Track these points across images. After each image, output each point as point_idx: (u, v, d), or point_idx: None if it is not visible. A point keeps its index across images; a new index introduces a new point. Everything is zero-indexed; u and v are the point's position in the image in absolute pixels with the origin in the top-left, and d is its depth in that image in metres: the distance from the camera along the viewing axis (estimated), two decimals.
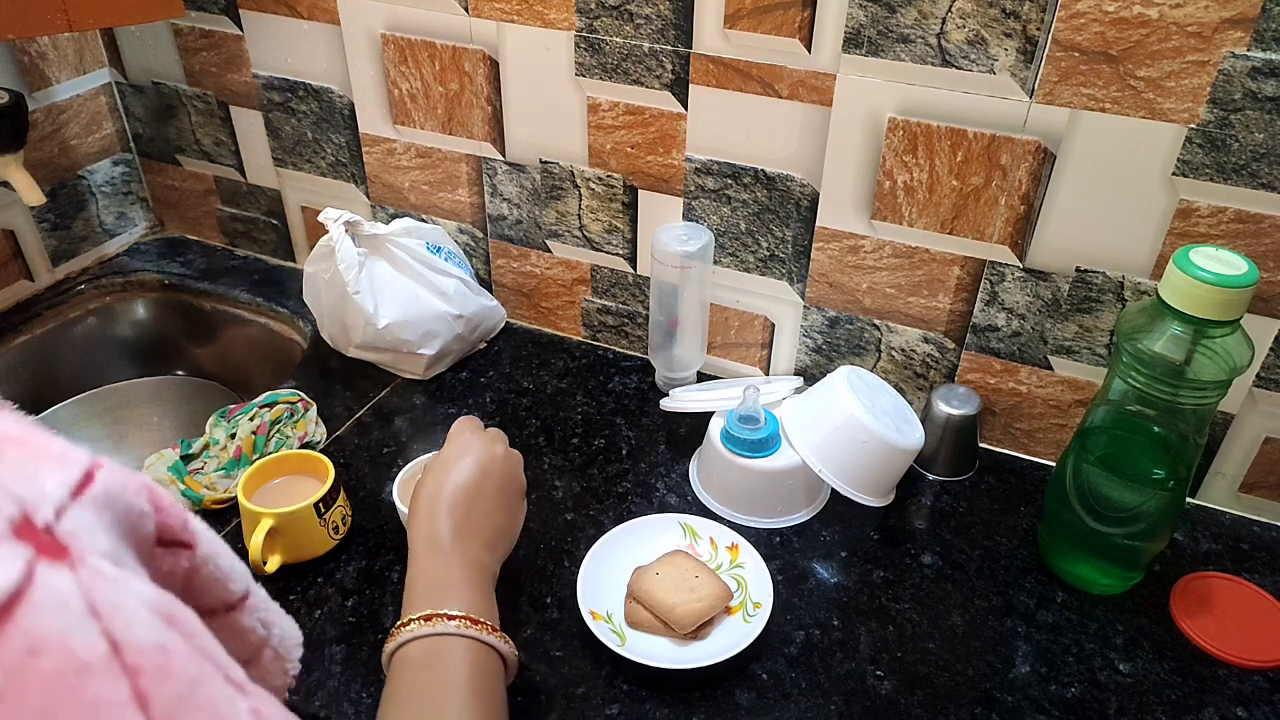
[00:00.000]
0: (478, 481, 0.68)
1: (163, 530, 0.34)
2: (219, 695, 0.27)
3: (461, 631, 0.58)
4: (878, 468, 0.83)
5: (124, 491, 0.31)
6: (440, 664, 0.57)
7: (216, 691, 0.27)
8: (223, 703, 0.27)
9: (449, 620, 0.58)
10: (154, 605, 0.27)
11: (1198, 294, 0.65)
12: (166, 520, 0.34)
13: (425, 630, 0.58)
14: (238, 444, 0.87)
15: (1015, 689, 0.71)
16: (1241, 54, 0.70)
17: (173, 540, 0.34)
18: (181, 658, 0.27)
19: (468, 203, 1.08)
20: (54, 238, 1.18)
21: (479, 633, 0.59)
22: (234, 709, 0.28)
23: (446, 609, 0.59)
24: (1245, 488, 0.88)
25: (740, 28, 0.84)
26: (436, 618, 0.58)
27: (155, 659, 0.26)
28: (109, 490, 0.30)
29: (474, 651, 0.58)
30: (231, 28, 1.08)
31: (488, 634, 0.59)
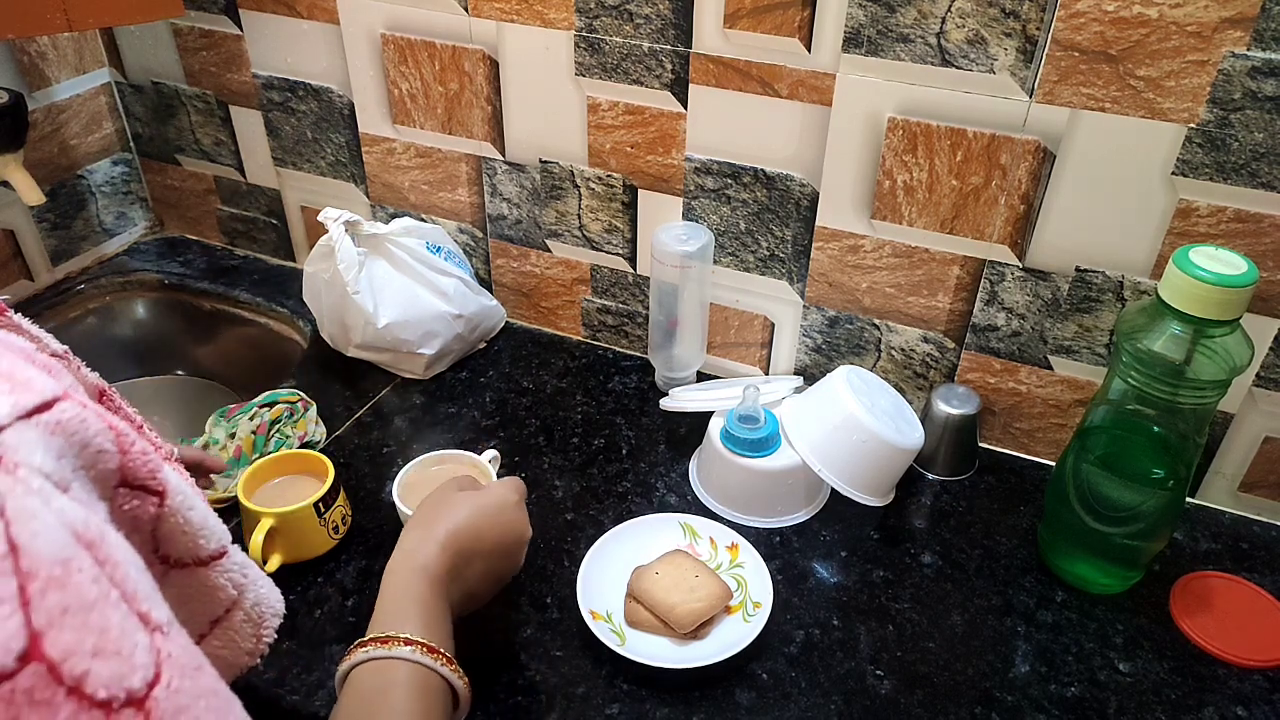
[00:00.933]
0: (486, 530, 0.65)
1: (127, 472, 0.35)
2: (115, 622, 0.28)
3: (415, 658, 0.56)
4: (877, 467, 0.83)
5: (82, 426, 0.32)
6: (388, 687, 0.55)
7: (114, 618, 0.28)
8: (116, 629, 0.27)
9: (405, 645, 0.57)
10: (74, 525, 0.28)
11: (1197, 294, 0.65)
12: (131, 464, 0.35)
13: (380, 652, 0.56)
14: (237, 444, 0.87)
15: (1015, 688, 0.71)
16: (1241, 54, 0.70)
17: (138, 485, 0.36)
18: (83, 577, 0.27)
19: (467, 202, 1.08)
20: (54, 237, 1.18)
21: (434, 662, 0.57)
22: (129, 639, 0.28)
23: (406, 632, 0.57)
24: (1245, 487, 0.88)
25: (740, 27, 0.84)
26: (394, 641, 0.57)
27: (52, 571, 0.26)
28: (64, 420, 0.31)
29: (425, 680, 0.56)
30: (231, 27, 1.08)
31: (444, 665, 0.57)
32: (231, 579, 0.43)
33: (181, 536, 0.38)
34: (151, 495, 0.36)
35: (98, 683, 0.26)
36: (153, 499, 0.36)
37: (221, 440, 0.88)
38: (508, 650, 0.73)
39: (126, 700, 0.27)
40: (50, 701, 0.25)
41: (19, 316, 0.51)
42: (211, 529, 0.40)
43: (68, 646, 0.26)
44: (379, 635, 0.57)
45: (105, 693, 0.26)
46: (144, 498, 0.36)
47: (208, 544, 0.40)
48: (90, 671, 0.26)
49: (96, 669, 0.26)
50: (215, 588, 0.42)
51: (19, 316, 0.51)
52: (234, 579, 0.43)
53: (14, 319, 0.50)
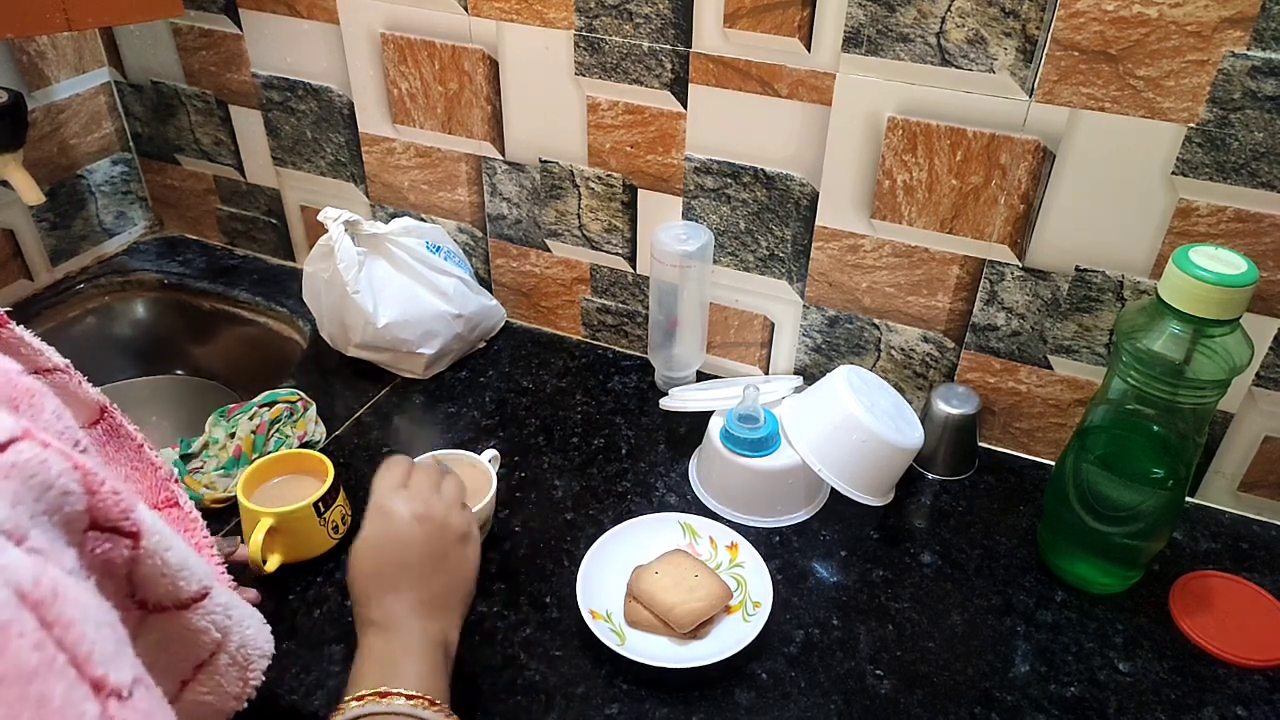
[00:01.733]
0: (398, 556, 0.63)
1: (96, 514, 0.33)
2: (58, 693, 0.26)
3: (400, 710, 0.54)
4: (877, 467, 0.83)
5: (43, 468, 0.31)
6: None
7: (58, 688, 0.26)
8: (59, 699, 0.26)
9: (385, 698, 0.54)
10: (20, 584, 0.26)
11: (1197, 293, 0.65)
12: (101, 505, 0.33)
13: (374, 708, 0.54)
14: (237, 443, 0.87)
15: (1015, 688, 0.71)
16: (1241, 53, 0.70)
17: (110, 527, 0.34)
18: (23, 643, 0.25)
19: (467, 202, 1.08)
20: (53, 237, 1.18)
21: (419, 708, 0.55)
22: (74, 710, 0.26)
23: (387, 685, 0.55)
24: (1244, 487, 0.88)
25: (740, 27, 0.84)
26: (372, 696, 0.54)
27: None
28: (20, 462, 0.30)
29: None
30: (231, 27, 1.08)
31: (428, 709, 0.55)
32: (214, 621, 0.41)
33: (160, 579, 0.37)
34: (124, 537, 0.35)
35: None
36: (125, 541, 0.35)
37: (221, 440, 0.87)
38: (507, 650, 0.73)
39: None
40: None
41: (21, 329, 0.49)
42: (191, 570, 0.39)
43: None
44: (362, 692, 0.55)
45: None
46: (116, 540, 0.34)
47: (188, 586, 0.39)
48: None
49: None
50: (197, 631, 0.40)
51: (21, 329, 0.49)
52: (217, 621, 0.41)
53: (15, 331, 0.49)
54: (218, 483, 0.84)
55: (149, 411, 1.19)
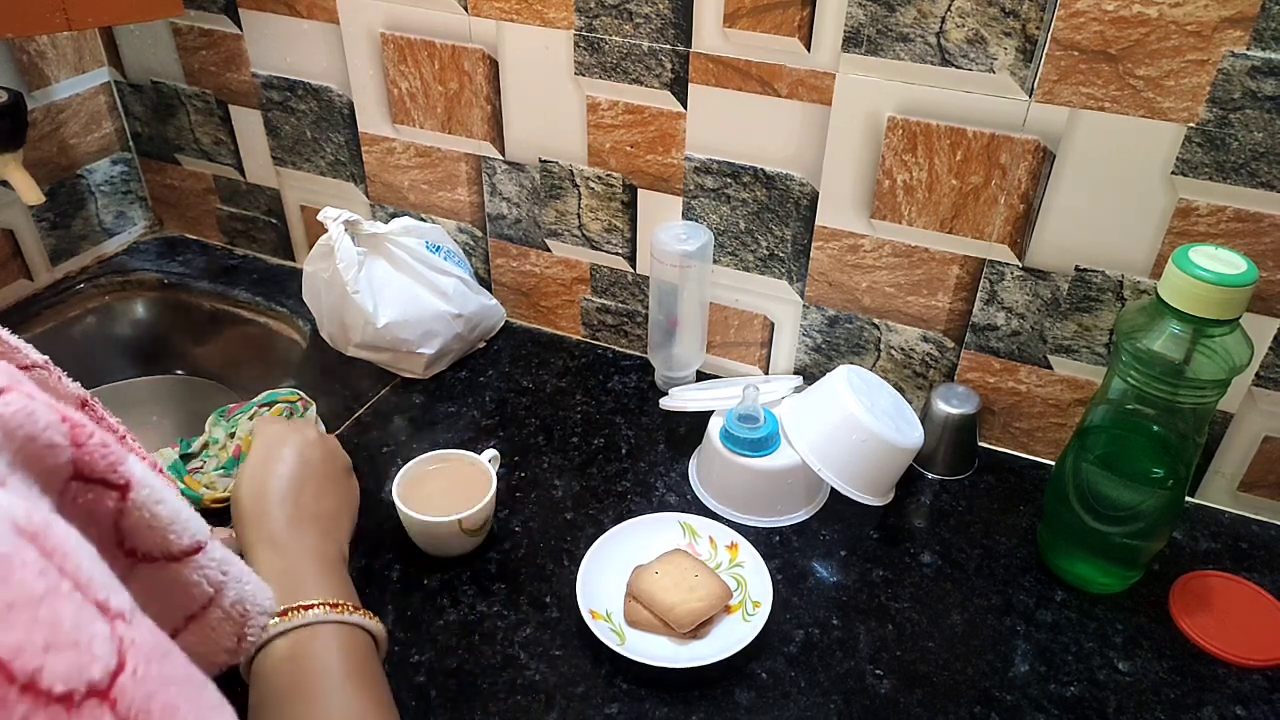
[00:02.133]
0: (298, 469, 0.66)
1: (81, 465, 0.34)
2: (69, 614, 0.27)
3: (324, 618, 0.55)
4: (877, 467, 0.83)
5: (29, 419, 0.31)
6: (307, 656, 0.54)
7: (67, 610, 0.27)
8: (69, 620, 0.27)
9: (306, 610, 0.55)
10: (15, 518, 0.27)
11: (1197, 293, 0.65)
12: (87, 458, 0.34)
13: (282, 626, 0.54)
14: (237, 443, 0.87)
15: (1015, 688, 0.71)
16: (1241, 53, 0.70)
17: (96, 478, 0.35)
18: (27, 571, 0.26)
19: (467, 202, 1.08)
20: (53, 237, 1.18)
21: (341, 614, 0.56)
22: (86, 630, 0.27)
23: (300, 599, 0.56)
24: (1244, 486, 0.88)
25: (740, 27, 0.84)
26: (292, 610, 0.55)
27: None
28: (7, 415, 0.30)
29: (342, 635, 0.55)
30: (231, 27, 1.08)
31: (350, 613, 0.56)
32: (207, 576, 0.42)
33: (149, 531, 0.37)
34: (111, 489, 0.35)
35: (54, 677, 0.25)
36: (112, 493, 0.35)
37: (221, 439, 0.88)
38: (507, 649, 0.73)
39: (88, 692, 0.26)
40: (3, 700, 0.24)
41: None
42: (184, 524, 0.40)
43: (16, 644, 0.25)
44: (294, 605, 0.55)
45: (63, 686, 0.25)
46: (101, 491, 0.35)
47: (180, 539, 0.39)
48: (44, 667, 0.25)
49: (51, 663, 0.25)
50: (189, 584, 0.41)
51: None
52: (210, 576, 0.42)
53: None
54: (218, 483, 0.84)
55: (149, 411, 1.19)
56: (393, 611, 0.75)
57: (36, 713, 0.25)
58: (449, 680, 0.70)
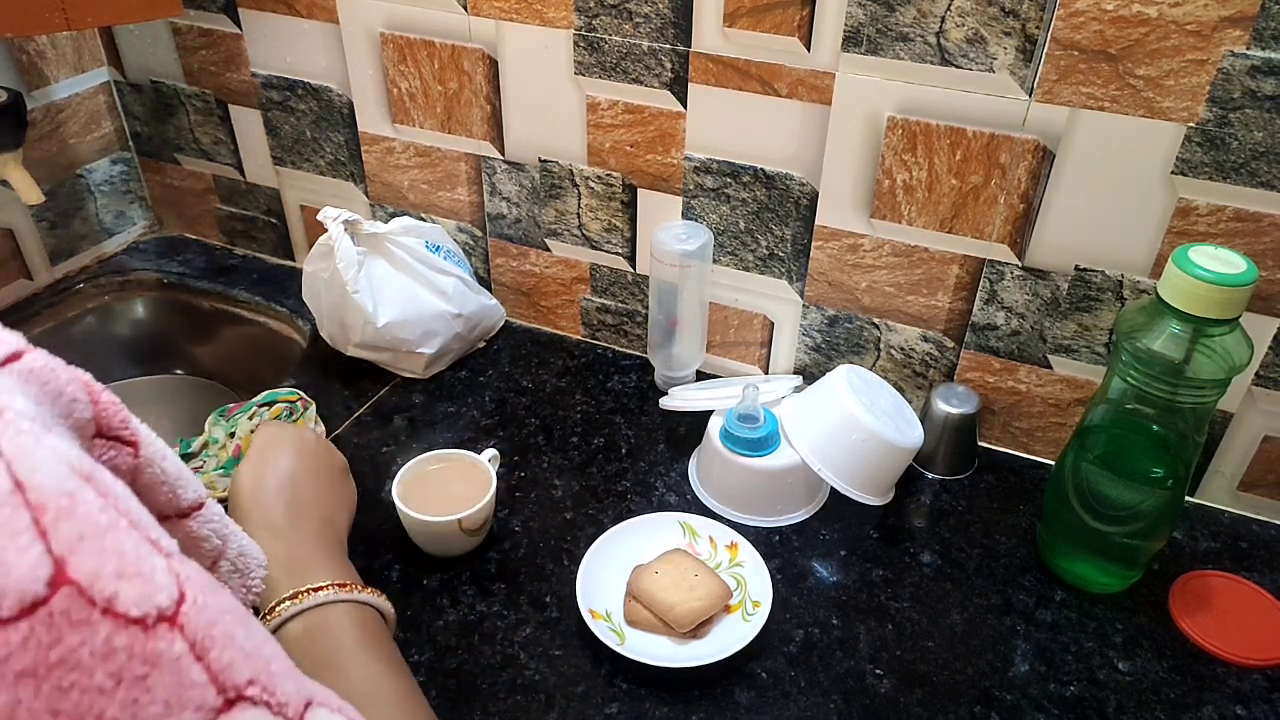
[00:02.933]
0: (295, 465, 0.67)
1: (101, 421, 0.35)
2: (130, 546, 0.28)
3: (335, 597, 0.57)
4: (877, 466, 0.83)
5: (53, 375, 0.32)
6: (323, 634, 0.56)
7: (128, 543, 0.28)
8: (133, 553, 0.28)
9: (316, 592, 0.57)
10: (70, 461, 0.28)
11: (1197, 293, 0.65)
12: (104, 414, 0.35)
13: (296, 607, 0.56)
14: (236, 443, 0.87)
15: (1014, 687, 0.71)
16: (1241, 52, 0.70)
17: (113, 435, 0.36)
18: (90, 507, 0.27)
19: (467, 201, 1.08)
20: (53, 237, 1.18)
21: (350, 593, 0.58)
22: (147, 562, 0.28)
23: (309, 583, 0.57)
24: (1244, 486, 0.88)
25: (739, 26, 0.84)
26: (302, 594, 0.57)
27: (60, 502, 0.26)
28: (35, 369, 0.31)
29: (353, 612, 0.57)
30: (230, 26, 1.08)
31: (359, 592, 0.58)
32: (214, 529, 0.43)
33: (160, 487, 0.39)
34: (126, 445, 0.36)
35: (128, 601, 0.26)
36: (128, 449, 0.36)
37: (221, 439, 0.87)
38: (507, 649, 0.73)
39: (159, 617, 0.27)
40: (89, 621, 0.25)
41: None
42: (187, 479, 0.41)
43: (92, 569, 0.26)
44: (290, 593, 0.57)
45: (137, 610, 0.27)
46: (119, 448, 0.36)
47: (186, 494, 0.40)
48: (119, 592, 0.26)
49: (124, 589, 0.27)
50: (199, 538, 0.42)
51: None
52: (216, 529, 0.43)
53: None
54: (217, 482, 0.84)
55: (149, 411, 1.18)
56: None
57: (119, 633, 0.26)
58: (449, 680, 0.70)
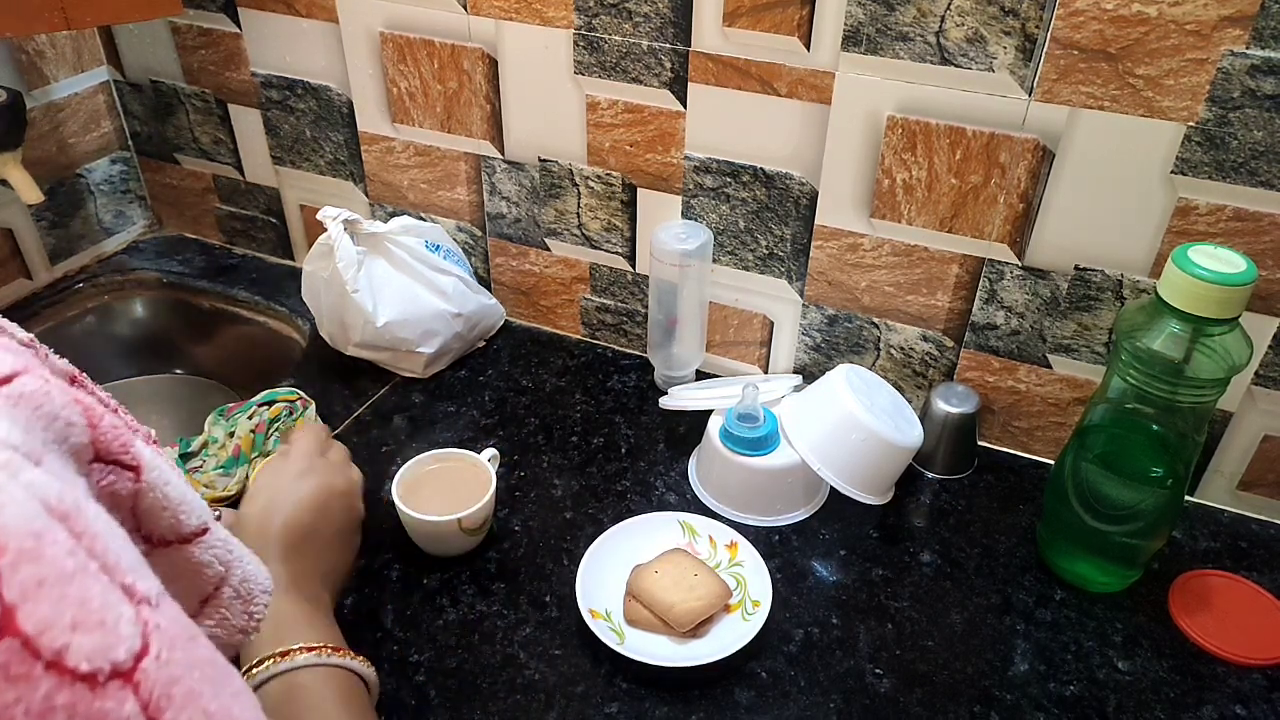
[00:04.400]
0: (314, 522, 0.65)
1: (99, 446, 0.34)
2: (96, 594, 0.27)
3: (316, 661, 0.55)
4: (876, 466, 0.83)
5: (47, 399, 0.31)
6: (300, 699, 0.54)
7: (94, 589, 0.27)
8: (97, 600, 0.27)
9: (305, 652, 0.55)
10: (46, 498, 0.27)
11: (1196, 292, 0.65)
12: (103, 438, 0.34)
13: (276, 669, 0.54)
14: (236, 442, 0.87)
15: (1014, 687, 0.71)
16: (1240, 52, 0.70)
17: (112, 459, 0.35)
18: (57, 549, 0.26)
19: (466, 201, 1.08)
20: (52, 236, 1.18)
21: (332, 657, 0.56)
22: (112, 611, 0.27)
23: (291, 644, 0.56)
24: (1244, 486, 0.88)
25: (739, 26, 0.84)
26: (291, 653, 0.55)
27: (24, 543, 0.25)
28: (26, 392, 0.30)
29: (337, 678, 0.56)
30: (230, 26, 1.08)
31: (341, 656, 0.56)
32: (217, 555, 0.42)
33: (162, 513, 0.38)
34: (127, 470, 0.35)
35: (80, 655, 0.25)
36: (128, 474, 0.35)
37: (220, 439, 0.87)
38: (507, 649, 0.73)
39: (112, 673, 0.26)
40: (28, 676, 0.24)
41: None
42: (191, 504, 0.40)
43: (44, 619, 0.25)
44: (274, 652, 0.55)
45: (88, 665, 0.25)
46: (120, 473, 0.35)
47: (189, 520, 0.40)
48: (70, 645, 0.25)
49: (78, 642, 0.25)
50: (201, 564, 0.41)
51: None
52: (219, 555, 0.42)
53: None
54: (217, 482, 0.84)
55: (148, 411, 1.19)
56: (392, 611, 0.75)
57: (60, 690, 0.25)
58: (449, 680, 0.70)
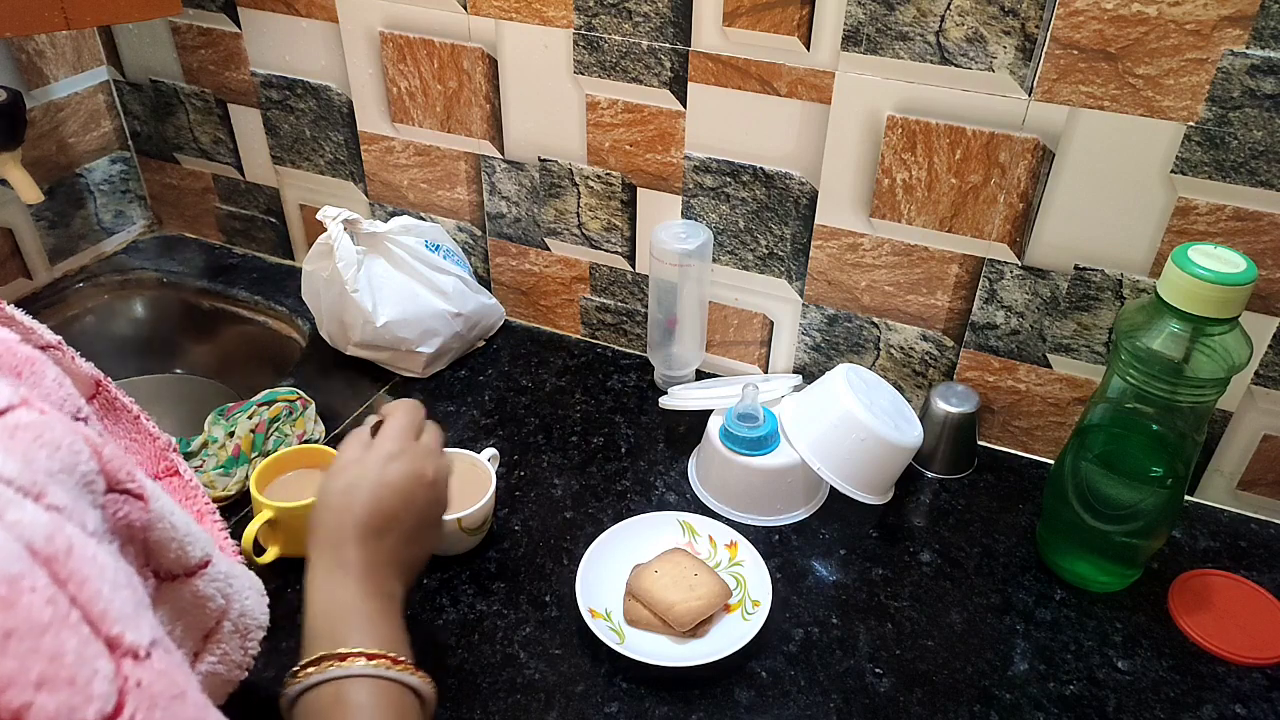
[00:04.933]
0: (398, 509, 0.59)
1: (110, 476, 0.33)
2: (71, 648, 0.25)
3: (368, 671, 0.51)
4: (876, 465, 0.83)
5: (47, 428, 0.30)
6: (345, 711, 0.50)
7: (70, 643, 0.26)
8: (71, 655, 0.25)
9: (354, 660, 0.51)
10: (32, 540, 0.26)
11: (1196, 292, 0.65)
12: (109, 466, 0.33)
13: (336, 672, 0.50)
14: (236, 442, 0.87)
15: (1014, 686, 0.71)
16: (1240, 52, 0.70)
17: (123, 489, 0.34)
18: (35, 597, 0.25)
19: (466, 200, 1.08)
20: (52, 236, 1.18)
21: (388, 670, 0.51)
22: (87, 667, 0.26)
23: (350, 645, 0.52)
24: (1243, 485, 0.88)
25: (739, 25, 0.84)
26: (334, 660, 0.51)
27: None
28: (24, 423, 0.30)
29: (384, 693, 0.51)
30: (230, 25, 1.08)
31: (397, 670, 0.52)
32: (218, 589, 0.41)
33: (170, 544, 0.37)
34: (137, 499, 0.35)
35: (42, 715, 0.24)
36: (139, 503, 0.35)
37: (220, 439, 0.87)
38: (507, 648, 0.73)
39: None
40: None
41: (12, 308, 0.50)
42: (194, 535, 0.39)
43: (7, 675, 0.24)
44: (322, 654, 0.51)
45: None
46: (132, 502, 0.34)
47: (194, 551, 0.39)
48: (34, 704, 0.24)
49: (41, 701, 0.24)
50: (204, 598, 0.40)
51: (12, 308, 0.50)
52: (220, 588, 0.42)
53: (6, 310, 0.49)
54: (217, 481, 0.84)
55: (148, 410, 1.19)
56: None
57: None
58: (449, 680, 0.70)
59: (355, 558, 0.56)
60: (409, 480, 0.61)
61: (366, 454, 0.62)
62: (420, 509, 0.61)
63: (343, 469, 0.61)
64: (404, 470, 0.61)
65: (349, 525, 0.58)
